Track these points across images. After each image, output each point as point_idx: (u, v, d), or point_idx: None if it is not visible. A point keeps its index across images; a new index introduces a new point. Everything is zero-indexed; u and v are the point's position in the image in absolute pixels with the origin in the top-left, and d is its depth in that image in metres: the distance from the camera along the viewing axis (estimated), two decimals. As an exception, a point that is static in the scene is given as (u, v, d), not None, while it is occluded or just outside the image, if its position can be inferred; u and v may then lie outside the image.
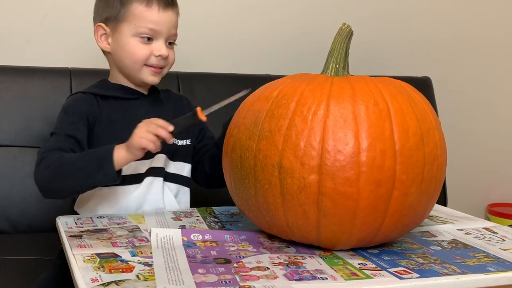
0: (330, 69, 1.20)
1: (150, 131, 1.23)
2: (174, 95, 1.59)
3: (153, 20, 1.40)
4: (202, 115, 1.25)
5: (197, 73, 2.01)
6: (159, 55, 1.41)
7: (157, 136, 1.23)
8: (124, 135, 1.31)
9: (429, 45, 2.51)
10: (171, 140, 1.26)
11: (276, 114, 1.10)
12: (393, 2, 2.44)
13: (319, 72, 1.22)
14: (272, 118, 1.10)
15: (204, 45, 2.17)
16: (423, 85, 2.25)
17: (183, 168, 1.50)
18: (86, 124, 1.38)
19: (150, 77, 1.44)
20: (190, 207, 1.49)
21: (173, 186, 1.48)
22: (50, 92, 1.84)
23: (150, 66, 1.42)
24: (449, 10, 2.52)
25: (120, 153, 1.24)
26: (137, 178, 1.42)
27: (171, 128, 1.24)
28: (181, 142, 1.49)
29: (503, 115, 2.67)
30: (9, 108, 1.82)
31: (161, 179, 1.45)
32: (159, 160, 1.44)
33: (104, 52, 1.49)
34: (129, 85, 1.47)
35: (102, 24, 1.44)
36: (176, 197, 1.48)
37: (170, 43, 1.46)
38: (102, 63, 1.63)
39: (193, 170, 1.52)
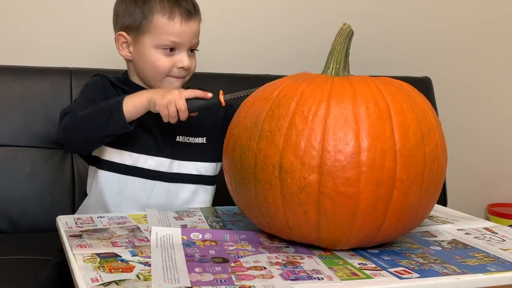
0: (330, 69, 1.20)
1: (173, 104, 1.29)
2: None
3: (175, 33, 1.40)
4: (222, 98, 1.32)
5: (196, 73, 2.01)
6: (181, 67, 1.42)
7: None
8: (138, 133, 1.37)
9: (429, 45, 2.51)
10: (184, 118, 1.31)
11: (277, 114, 1.10)
12: (393, 2, 2.44)
13: (320, 72, 1.22)
14: (272, 118, 1.10)
15: (204, 45, 2.15)
16: (423, 85, 2.25)
17: (203, 167, 1.48)
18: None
19: (172, 86, 1.43)
20: (213, 205, 1.48)
21: (189, 186, 1.46)
22: (50, 92, 1.85)
23: (172, 76, 1.43)
24: (449, 10, 2.52)
25: (132, 101, 1.30)
26: (135, 171, 1.41)
27: (187, 113, 1.31)
28: (193, 140, 1.48)
29: (503, 115, 2.67)
30: (9, 108, 1.82)
31: (163, 183, 1.43)
32: (162, 165, 1.43)
33: (125, 59, 1.49)
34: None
35: (123, 33, 1.44)
36: (193, 198, 1.46)
37: (192, 50, 1.46)
38: (102, 63, 1.64)
39: None
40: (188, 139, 1.47)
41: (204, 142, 1.49)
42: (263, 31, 2.27)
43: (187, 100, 1.30)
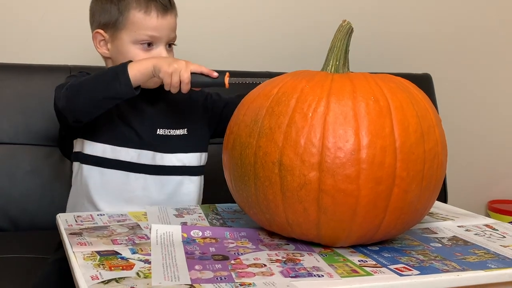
0: (330, 66, 1.20)
1: (178, 74, 1.29)
2: None
3: (152, 27, 1.40)
4: (227, 81, 1.31)
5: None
6: None
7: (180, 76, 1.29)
8: (118, 126, 1.37)
9: (429, 42, 2.50)
10: (186, 91, 1.32)
11: (276, 111, 1.10)
12: (393, -1, 2.44)
13: (319, 69, 1.22)
14: (272, 115, 1.10)
15: (204, 42, 2.16)
16: (423, 82, 2.25)
17: (186, 158, 1.48)
18: None
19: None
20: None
21: (173, 178, 1.46)
22: (50, 89, 1.81)
23: None
24: (450, 7, 2.52)
25: (137, 66, 1.29)
26: (117, 164, 1.41)
27: (189, 86, 1.31)
28: (174, 132, 1.48)
29: (503, 112, 2.67)
30: (8, 106, 1.82)
31: (146, 176, 1.43)
32: (145, 157, 1.43)
33: (103, 56, 1.48)
34: None
35: (101, 31, 1.44)
36: (179, 189, 1.46)
37: (170, 45, 1.46)
38: (101, 61, 1.63)
39: None
40: (169, 132, 1.47)
41: (185, 133, 1.49)
42: (263, 28, 2.26)
43: (192, 74, 1.31)
